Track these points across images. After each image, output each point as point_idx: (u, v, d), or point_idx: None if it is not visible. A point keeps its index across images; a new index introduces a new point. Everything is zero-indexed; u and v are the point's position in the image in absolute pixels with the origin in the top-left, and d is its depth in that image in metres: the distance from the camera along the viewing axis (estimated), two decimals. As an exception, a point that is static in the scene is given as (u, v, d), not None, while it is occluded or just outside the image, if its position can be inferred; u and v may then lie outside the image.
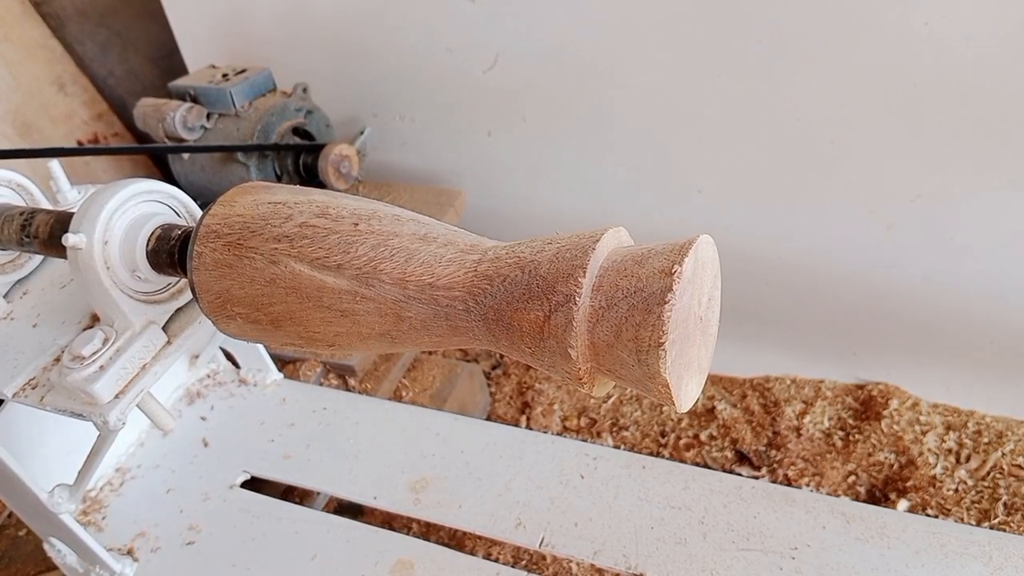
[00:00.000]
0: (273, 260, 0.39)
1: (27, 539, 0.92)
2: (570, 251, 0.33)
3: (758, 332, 1.15)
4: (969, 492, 0.97)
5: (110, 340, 0.50)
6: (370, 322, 0.38)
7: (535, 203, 1.19)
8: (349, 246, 0.38)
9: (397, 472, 0.74)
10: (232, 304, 0.42)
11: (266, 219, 0.40)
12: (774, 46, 0.88)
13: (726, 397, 1.17)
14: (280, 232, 0.40)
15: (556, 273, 0.32)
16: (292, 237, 0.39)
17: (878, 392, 1.10)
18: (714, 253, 0.34)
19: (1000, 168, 0.87)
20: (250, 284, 0.40)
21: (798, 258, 1.05)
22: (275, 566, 0.68)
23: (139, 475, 0.79)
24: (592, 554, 0.64)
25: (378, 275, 0.37)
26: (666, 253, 0.31)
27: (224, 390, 0.87)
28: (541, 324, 0.32)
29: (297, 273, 0.39)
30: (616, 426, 1.16)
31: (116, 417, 0.50)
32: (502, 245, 0.36)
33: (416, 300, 0.36)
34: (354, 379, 1.01)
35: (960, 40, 0.79)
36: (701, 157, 1.01)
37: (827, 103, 0.90)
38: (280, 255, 0.39)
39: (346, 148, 1.08)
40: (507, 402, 1.21)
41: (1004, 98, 0.81)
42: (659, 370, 0.30)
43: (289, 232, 0.39)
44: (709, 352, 0.36)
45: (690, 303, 0.31)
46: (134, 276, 0.49)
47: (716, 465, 1.08)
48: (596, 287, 0.32)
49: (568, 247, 0.33)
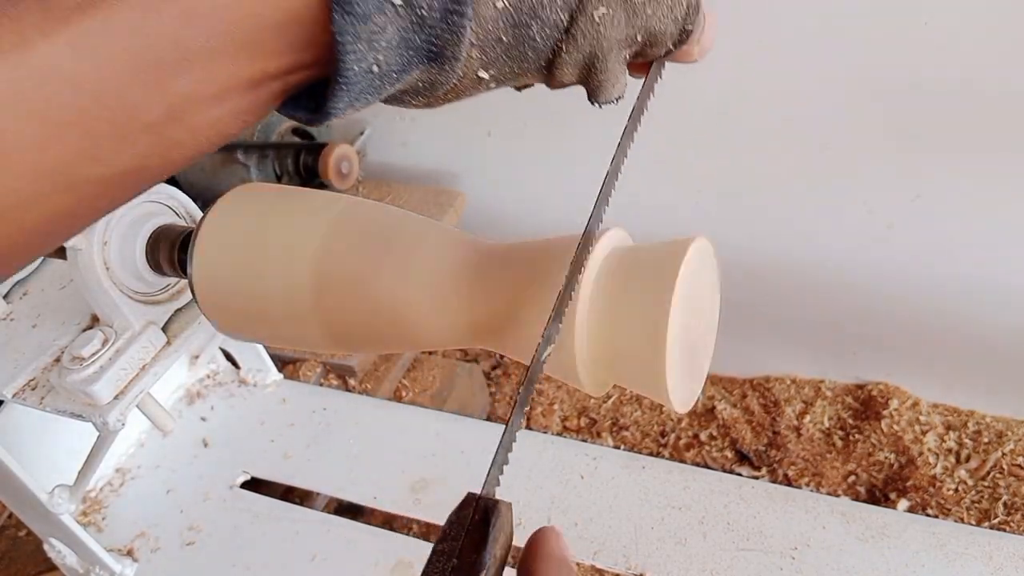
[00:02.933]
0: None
1: (27, 539, 0.92)
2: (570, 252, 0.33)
3: (758, 332, 1.15)
4: (969, 492, 0.97)
5: (110, 341, 0.50)
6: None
7: (535, 203, 1.19)
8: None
9: (397, 472, 0.74)
10: (232, 305, 0.41)
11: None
12: (774, 46, 0.88)
13: (726, 397, 1.17)
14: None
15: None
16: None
17: (878, 392, 1.10)
18: (711, 255, 0.34)
19: (1000, 168, 0.86)
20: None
21: (798, 258, 1.05)
22: (275, 566, 0.68)
23: (139, 475, 0.79)
24: (592, 554, 0.64)
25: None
26: (659, 265, 0.31)
27: (224, 390, 0.87)
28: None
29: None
30: (616, 426, 1.16)
31: (116, 418, 0.50)
32: (500, 246, 0.36)
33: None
34: (354, 379, 1.01)
35: (960, 40, 0.79)
36: (701, 158, 1.01)
37: (827, 103, 0.90)
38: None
39: (346, 148, 1.08)
40: (507, 402, 1.21)
41: (1004, 98, 0.81)
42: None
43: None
44: (709, 353, 0.36)
45: (686, 311, 0.31)
46: (134, 277, 0.49)
47: (716, 465, 1.08)
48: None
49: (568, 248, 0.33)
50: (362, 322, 0.37)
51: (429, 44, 0.24)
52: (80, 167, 0.21)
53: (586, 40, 0.26)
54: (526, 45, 0.26)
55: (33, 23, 0.20)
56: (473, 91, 0.28)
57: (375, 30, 0.23)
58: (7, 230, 0.21)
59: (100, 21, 0.20)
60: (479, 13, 0.24)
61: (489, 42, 0.25)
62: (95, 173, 0.22)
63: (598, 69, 0.28)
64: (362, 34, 0.22)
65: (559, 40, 0.26)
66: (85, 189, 0.22)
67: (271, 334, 0.42)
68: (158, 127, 0.22)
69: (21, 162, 0.20)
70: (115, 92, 0.21)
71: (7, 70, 0.19)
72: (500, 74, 0.27)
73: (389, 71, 0.24)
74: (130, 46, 0.21)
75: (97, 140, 0.21)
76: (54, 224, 0.22)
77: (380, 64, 0.24)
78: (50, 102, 0.20)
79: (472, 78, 0.26)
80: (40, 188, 0.21)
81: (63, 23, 0.20)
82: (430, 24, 0.23)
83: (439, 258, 0.36)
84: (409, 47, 0.24)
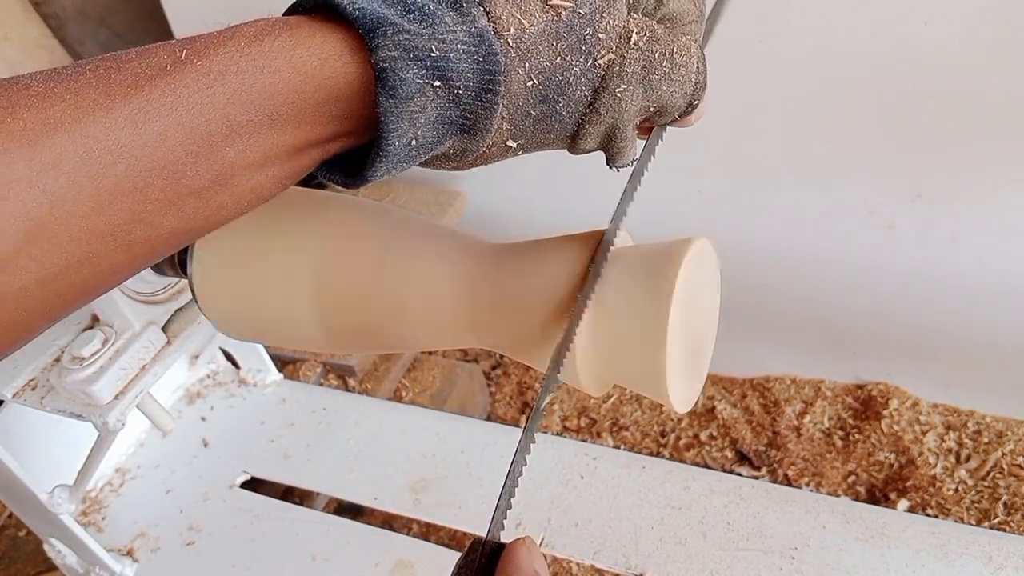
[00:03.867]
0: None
1: (27, 539, 0.92)
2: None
3: (758, 332, 1.15)
4: (969, 492, 0.97)
5: (110, 341, 0.50)
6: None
7: (535, 203, 1.19)
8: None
9: (397, 472, 0.74)
10: (232, 305, 0.41)
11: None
12: (773, 46, 0.88)
13: (726, 397, 1.17)
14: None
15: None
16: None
17: (878, 392, 1.10)
18: (712, 255, 0.34)
19: (1000, 168, 0.86)
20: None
21: (798, 258, 1.05)
22: (275, 566, 0.68)
23: (139, 475, 0.79)
24: (592, 554, 0.64)
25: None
26: (660, 266, 0.31)
27: (224, 390, 0.87)
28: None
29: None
30: (616, 426, 1.16)
31: (116, 418, 0.50)
32: (499, 246, 0.36)
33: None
34: (354, 379, 1.01)
35: (961, 40, 0.79)
36: (701, 157, 1.01)
37: (827, 103, 0.90)
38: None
39: (346, 148, 1.08)
40: (507, 402, 1.21)
41: (1004, 98, 0.81)
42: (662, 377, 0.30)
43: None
44: (709, 353, 0.36)
45: (686, 311, 0.31)
46: (134, 277, 0.49)
47: (716, 465, 1.08)
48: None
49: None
50: (362, 322, 0.37)
51: (463, 118, 0.26)
52: (131, 230, 0.23)
53: (608, 114, 0.29)
54: (553, 118, 0.28)
55: (93, 99, 0.21)
56: (500, 157, 0.30)
57: (416, 109, 0.24)
58: (58, 288, 0.22)
59: (157, 98, 0.22)
60: (510, 91, 0.26)
61: (519, 115, 0.27)
62: (144, 235, 0.23)
63: (617, 139, 0.30)
64: (404, 114, 0.24)
65: (583, 114, 0.28)
66: (135, 249, 0.23)
67: (271, 334, 0.42)
68: (205, 193, 0.24)
69: (77, 227, 0.21)
70: (168, 162, 0.22)
71: (67, 143, 0.20)
72: (527, 143, 0.29)
73: (425, 143, 0.26)
74: (184, 121, 0.22)
75: (148, 205, 0.23)
76: (100, 280, 0.24)
77: (418, 138, 0.25)
78: (107, 172, 0.21)
79: (501, 146, 0.28)
80: (93, 249, 0.22)
81: (123, 99, 0.21)
82: (465, 101, 0.25)
83: (439, 258, 0.36)
84: (445, 121, 0.26)
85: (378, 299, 0.36)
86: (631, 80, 0.28)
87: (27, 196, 0.20)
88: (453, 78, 0.24)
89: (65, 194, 0.21)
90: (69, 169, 0.20)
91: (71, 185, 0.21)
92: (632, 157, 0.33)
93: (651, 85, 0.29)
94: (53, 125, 0.20)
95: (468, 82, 0.25)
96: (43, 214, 0.20)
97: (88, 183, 0.21)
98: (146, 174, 0.22)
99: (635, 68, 0.28)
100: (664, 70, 0.29)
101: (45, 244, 0.21)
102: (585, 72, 0.27)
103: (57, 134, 0.20)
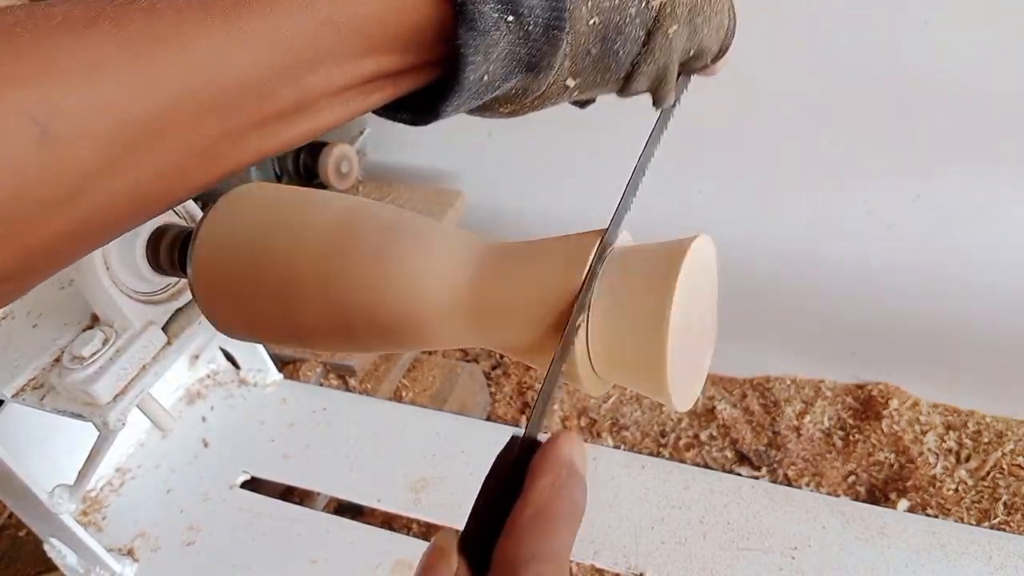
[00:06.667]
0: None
1: (27, 539, 0.92)
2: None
3: (758, 332, 1.15)
4: (969, 492, 0.97)
5: (110, 341, 0.50)
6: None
7: (535, 203, 1.19)
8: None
9: (397, 472, 0.74)
10: (232, 304, 0.41)
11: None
12: (773, 46, 0.88)
13: (726, 397, 1.17)
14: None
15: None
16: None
17: (878, 392, 1.10)
18: (712, 254, 0.34)
19: (1000, 168, 0.86)
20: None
21: (798, 258, 1.05)
22: (275, 566, 0.68)
23: (139, 475, 0.79)
24: (592, 554, 0.64)
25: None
26: (660, 265, 0.31)
27: (224, 390, 0.87)
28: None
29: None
30: (616, 426, 1.16)
31: (116, 418, 0.50)
32: (500, 246, 0.36)
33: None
34: (354, 379, 1.01)
35: (961, 40, 0.79)
36: (701, 157, 1.01)
37: (827, 103, 0.90)
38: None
39: (346, 148, 1.08)
40: (507, 402, 1.21)
41: (1004, 98, 0.81)
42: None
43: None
44: (709, 353, 0.36)
45: (686, 311, 0.31)
46: (134, 276, 0.49)
47: (716, 465, 1.08)
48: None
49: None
50: (362, 322, 0.37)
51: (530, 55, 0.27)
52: (219, 147, 0.24)
53: (662, 54, 0.30)
54: (610, 58, 0.29)
55: (194, 17, 0.22)
56: (558, 99, 0.31)
57: (491, 43, 0.26)
58: (146, 195, 0.23)
59: (254, 21, 0.23)
60: (574, 28, 0.27)
61: (580, 54, 0.29)
62: (230, 151, 0.24)
63: (667, 79, 0.32)
64: (480, 47, 0.25)
65: (638, 54, 0.30)
66: (220, 164, 0.25)
67: (271, 334, 0.42)
68: (288, 117, 0.25)
69: (173, 139, 0.22)
70: (258, 84, 0.23)
71: (169, 57, 0.21)
72: (585, 83, 0.30)
73: (495, 79, 0.27)
74: (277, 45, 0.23)
75: (237, 124, 0.24)
76: (186, 191, 0.25)
77: (490, 73, 0.27)
78: (205, 88, 0.22)
79: (560, 85, 0.30)
80: (184, 162, 0.23)
81: (222, 19, 0.22)
82: (534, 37, 0.27)
83: (439, 258, 0.36)
84: (513, 58, 0.27)
85: (379, 299, 0.36)
86: (680, 21, 0.30)
87: (129, 105, 0.21)
88: (524, 13, 0.26)
89: (166, 106, 0.21)
90: (171, 82, 0.21)
91: (172, 98, 0.21)
92: (674, 99, 0.35)
93: (695, 27, 0.31)
94: (157, 38, 0.21)
95: (537, 18, 0.26)
96: (143, 124, 0.21)
97: (188, 97, 0.22)
98: (238, 94, 0.23)
99: (683, 10, 0.30)
100: (705, 13, 0.31)
101: (144, 153, 0.22)
102: (640, 13, 0.29)
103: (161, 47, 0.21)
